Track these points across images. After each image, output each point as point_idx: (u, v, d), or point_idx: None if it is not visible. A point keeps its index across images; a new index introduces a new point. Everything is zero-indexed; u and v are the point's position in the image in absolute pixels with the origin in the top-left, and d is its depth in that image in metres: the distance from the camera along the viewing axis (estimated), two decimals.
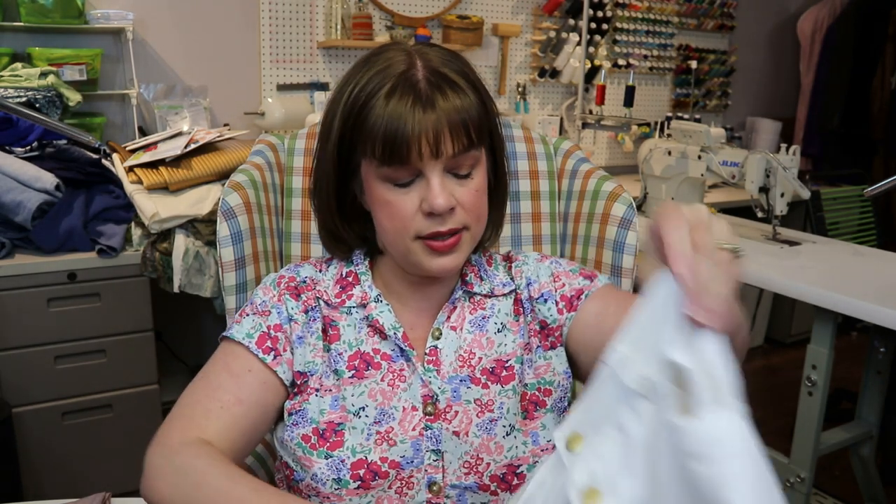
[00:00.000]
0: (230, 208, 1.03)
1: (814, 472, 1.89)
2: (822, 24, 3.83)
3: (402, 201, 0.77)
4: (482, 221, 0.83)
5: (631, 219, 1.09)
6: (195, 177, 2.01)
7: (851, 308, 1.69)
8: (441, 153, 0.75)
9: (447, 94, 0.76)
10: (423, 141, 0.74)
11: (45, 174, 1.83)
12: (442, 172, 0.77)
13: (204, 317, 2.66)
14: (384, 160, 0.76)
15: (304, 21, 2.72)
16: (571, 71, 3.26)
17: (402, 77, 0.76)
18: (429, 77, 0.76)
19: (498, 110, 0.86)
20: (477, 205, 0.80)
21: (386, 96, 0.75)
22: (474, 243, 0.83)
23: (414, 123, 0.74)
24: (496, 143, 0.85)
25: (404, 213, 0.77)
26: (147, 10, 2.45)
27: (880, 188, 1.76)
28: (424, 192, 0.76)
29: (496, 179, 0.87)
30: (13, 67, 2.07)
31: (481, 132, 0.79)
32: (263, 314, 0.84)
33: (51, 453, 1.86)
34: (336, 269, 0.90)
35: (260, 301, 0.85)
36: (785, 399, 2.85)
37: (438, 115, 0.74)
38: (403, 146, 0.74)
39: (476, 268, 0.91)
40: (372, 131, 0.76)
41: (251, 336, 0.82)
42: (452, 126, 0.75)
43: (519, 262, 0.93)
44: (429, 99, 0.75)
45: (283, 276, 0.88)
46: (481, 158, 0.81)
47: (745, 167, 2.17)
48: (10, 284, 1.75)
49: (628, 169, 3.53)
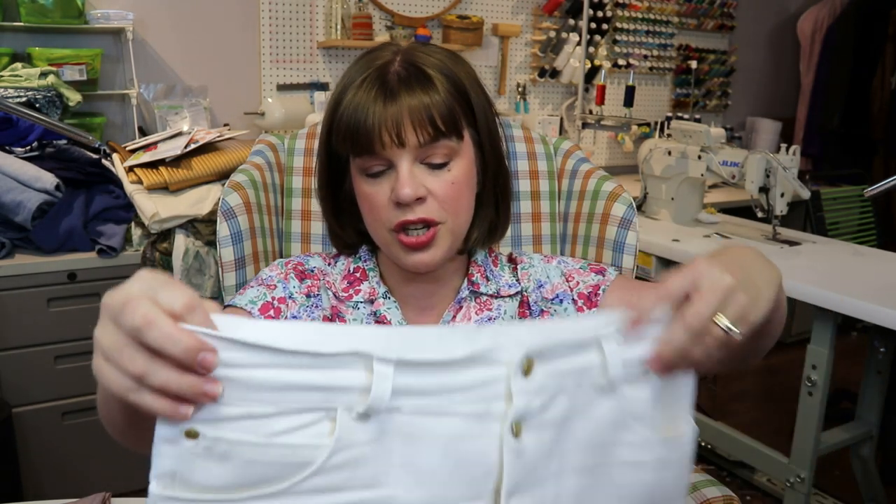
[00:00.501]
0: (230, 208, 1.03)
1: (814, 472, 1.89)
2: (822, 24, 3.83)
3: (376, 192, 0.78)
4: (461, 215, 0.82)
5: (631, 219, 1.09)
6: (195, 177, 2.01)
7: (851, 308, 1.69)
8: (405, 142, 0.75)
9: (413, 87, 0.76)
10: (383, 131, 0.75)
11: (45, 174, 1.83)
12: (412, 162, 0.77)
13: None
14: (353, 150, 0.78)
15: (304, 21, 2.72)
16: (571, 71, 3.26)
17: (377, 70, 0.77)
18: (400, 71, 0.77)
19: (494, 108, 0.85)
20: (452, 197, 0.79)
21: (356, 87, 0.77)
22: (455, 239, 0.82)
23: (374, 113, 0.75)
24: (483, 137, 0.84)
25: (378, 204, 0.78)
26: (147, 10, 2.45)
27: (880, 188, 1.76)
28: (394, 182, 0.77)
29: (485, 176, 0.86)
30: (13, 67, 2.07)
31: (453, 124, 0.78)
32: (269, 287, 0.85)
33: (51, 453, 1.86)
34: (344, 265, 0.90)
35: (266, 276, 0.87)
36: (785, 399, 2.85)
37: (400, 107, 0.75)
38: (364, 136, 0.75)
39: (483, 268, 0.90)
40: (340, 122, 0.78)
41: (254, 303, 0.83)
42: (415, 117, 0.75)
43: (525, 265, 0.92)
44: (392, 91, 0.75)
45: (292, 260, 0.89)
46: (460, 151, 0.80)
47: (745, 167, 2.17)
48: (10, 284, 1.75)
49: (628, 169, 3.53)
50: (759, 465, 2.07)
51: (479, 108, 0.82)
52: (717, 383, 2.91)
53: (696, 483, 1.02)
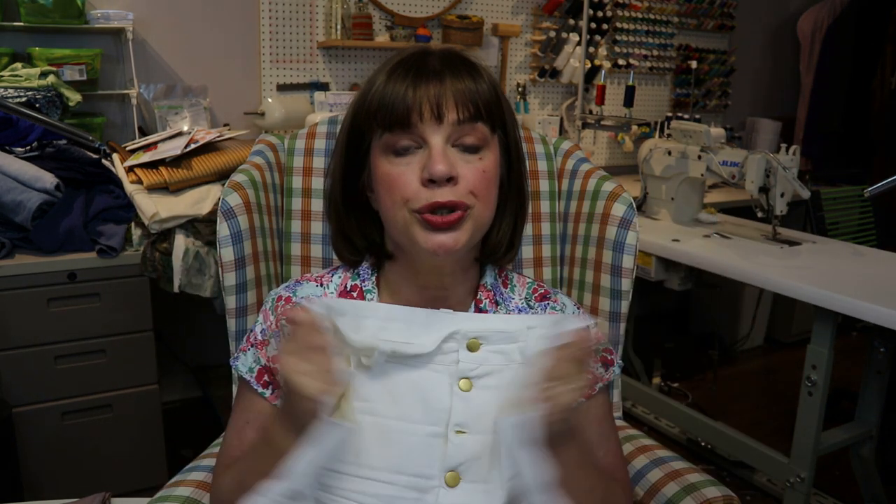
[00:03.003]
0: (230, 208, 1.03)
1: (814, 472, 1.89)
2: (822, 24, 3.83)
3: (402, 172, 0.75)
4: (489, 206, 0.79)
5: (631, 219, 1.09)
6: (195, 177, 2.01)
7: (851, 308, 1.69)
8: (443, 118, 0.74)
9: (459, 71, 0.76)
10: (424, 104, 0.73)
11: (45, 174, 1.83)
12: (445, 141, 0.75)
13: (204, 317, 2.66)
14: (385, 125, 0.75)
15: (304, 21, 2.73)
16: (571, 71, 3.26)
17: (412, 57, 0.77)
18: (442, 56, 0.77)
19: (515, 118, 0.84)
20: (483, 184, 0.77)
21: (390, 72, 0.77)
22: (478, 230, 0.79)
23: (416, 88, 0.74)
24: (511, 144, 0.83)
25: (404, 184, 0.75)
26: (147, 10, 2.45)
27: (880, 188, 1.77)
28: (425, 160, 0.74)
29: (509, 185, 0.84)
30: (13, 67, 2.07)
31: (491, 112, 0.77)
32: (263, 344, 0.86)
33: (51, 453, 1.86)
34: (340, 280, 0.89)
35: (260, 329, 0.87)
36: (785, 399, 2.85)
37: (444, 85, 0.74)
38: (404, 108, 0.74)
39: (492, 293, 0.87)
40: (373, 99, 0.77)
41: (252, 371, 0.86)
42: (458, 96, 0.74)
43: (556, 306, 0.90)
44: (436, 72, 0.75)
45: (281, 297, 0.88)
46: (492, 143, 0.79)
47: (745, 167, 2.18)
48: (10, 284, 1.75)
49: (628, 169, 3.53)
50: (759, 465, 2.07)
51: (510, 117, 0.82)
52: (717, 383, 2.91)
53: (696, 483, 1.02)
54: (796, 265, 2.00)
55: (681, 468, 1.06)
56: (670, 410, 2.40)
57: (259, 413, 0.85)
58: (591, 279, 1.14)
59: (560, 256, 1.22)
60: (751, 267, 1.98)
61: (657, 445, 1.16)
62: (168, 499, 0.96)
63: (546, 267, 1.21)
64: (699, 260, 2.12)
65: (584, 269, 1.15)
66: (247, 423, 0.86)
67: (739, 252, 2.13)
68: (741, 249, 2.16)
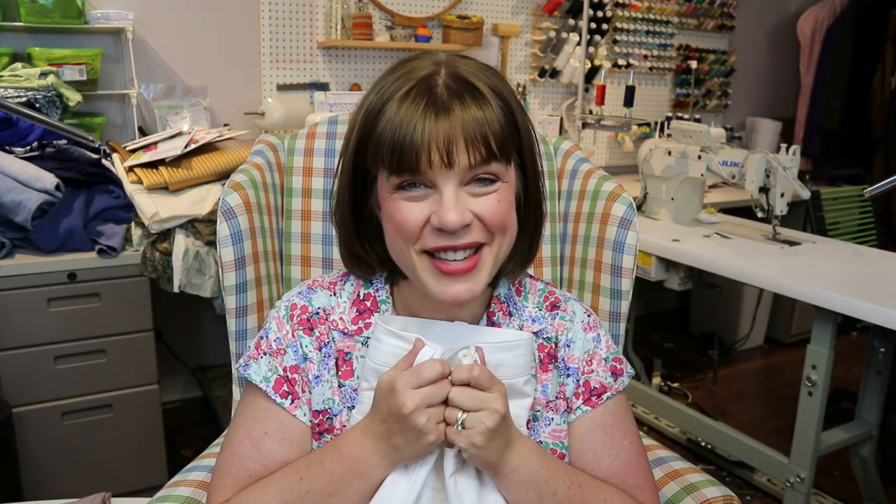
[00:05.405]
0: (230, 208, 1.03)
1: (814, 472, 1.89)
2: (822, 24, 3.83)
3: (410, 212, 0.72)
4: (508, 236, 0.76)
5: (631, 219, 1.09)
6: (195, 177, 2.01)
7: (851, 308, 1.69)
8: (454, 163, 0.69)
9: (466, 101, 0.70)
10: (433, 148, 0.69)
11: (45, 174, 1.83)
12: (457, 186, 0.71)
13: (204, 317, 2.66)
14: (392, 168, 0.71)
15: (304, 21, 2.73)
16: (571, 71, 3.26)
17: (422, 82, 0.72)
18: (450, 84, 0.71)
19: (534, 129, 0.80)
20: (499, 218, 0.73)
21: (399, 100, 0.71)
22: (496, 264, 0.76)
23: (424, 129, 0.69)
24: (527, 164, 0.78)
25: (411, 225, 0.72)
26: (147, 10, 2.45)
27: (880, 188, 1.76)
28: (436, 206, 0.71)
29: (527, 203, 0.80)
30: (13, 67, 2.07)
31: (504, 147, 0.72)
32: (278, 353, 0.82)
33: (51, 453, 1.86)
34: (353, 288, 0.86)
35: (274, 337, 0.83)
36: (785, 399, 2.85)
37: (452, 123, 0.69)
38: (412, 153, 0.69)
39: (505, 304, 0.85)
40: (381, 136, 0.71)
41: (268, 380, 0.81)
42: (468, 136, 0.69)
43: (565, 315, 0.87)
44: (444, 105, 0.70)
45: (296, 305, 0.84)
46: (507, 175, 0.74)
47: (745, 167, 2.18)
48: (10, 284, 1.75)
49: (628, 169, 3.54)
50: (759, 465, 2.07)
51: (525, 131, 0.77)
52: (717, 383, 2.91)
53: (696, 483, 1.02)
54: (796, 265, 2.00)
55: (681, 468, 1.07)
56: (670, 410, 2.40)
57: (280, 425, 0.80)
58: (591, 279, 1.14)
59: (560, 256, 1.22)
60: (751, 267, 1.98)
61: (657, 445, 1.16)
62: (168, 499, 0.96)
63: (546, 267, 1.21)
64: (699, 260, 2.12)
65: (584, 269, 1.15)
66: (265, 433, 0.80)
67: (739, 252, 2.13)
68: (741, 249, 2.16)
